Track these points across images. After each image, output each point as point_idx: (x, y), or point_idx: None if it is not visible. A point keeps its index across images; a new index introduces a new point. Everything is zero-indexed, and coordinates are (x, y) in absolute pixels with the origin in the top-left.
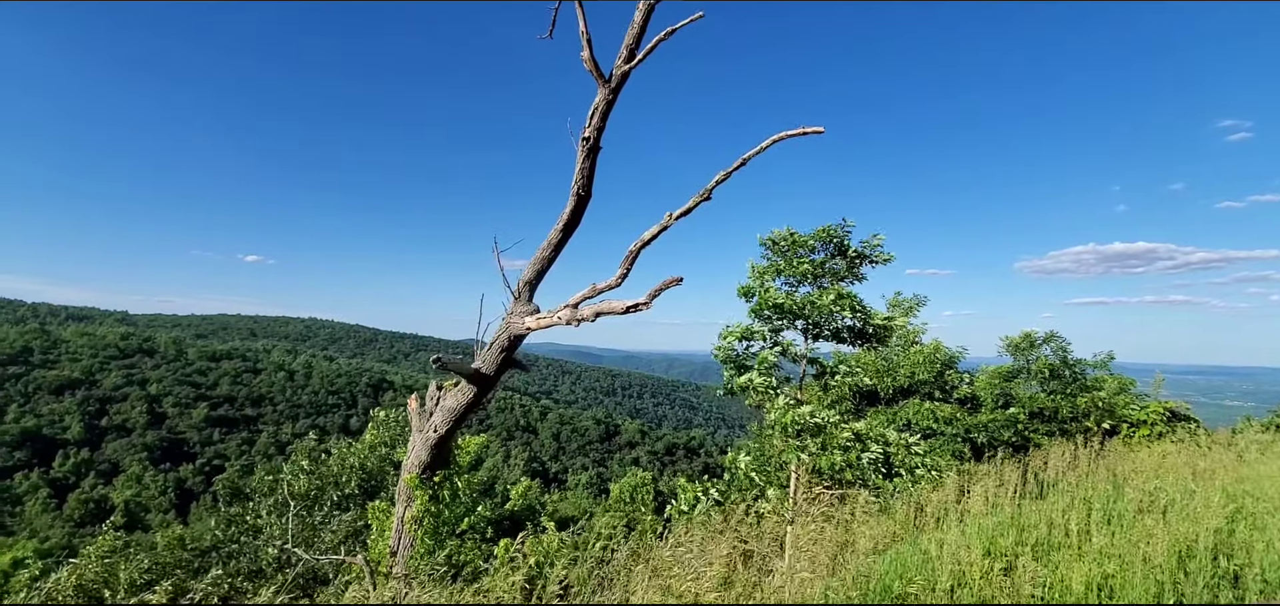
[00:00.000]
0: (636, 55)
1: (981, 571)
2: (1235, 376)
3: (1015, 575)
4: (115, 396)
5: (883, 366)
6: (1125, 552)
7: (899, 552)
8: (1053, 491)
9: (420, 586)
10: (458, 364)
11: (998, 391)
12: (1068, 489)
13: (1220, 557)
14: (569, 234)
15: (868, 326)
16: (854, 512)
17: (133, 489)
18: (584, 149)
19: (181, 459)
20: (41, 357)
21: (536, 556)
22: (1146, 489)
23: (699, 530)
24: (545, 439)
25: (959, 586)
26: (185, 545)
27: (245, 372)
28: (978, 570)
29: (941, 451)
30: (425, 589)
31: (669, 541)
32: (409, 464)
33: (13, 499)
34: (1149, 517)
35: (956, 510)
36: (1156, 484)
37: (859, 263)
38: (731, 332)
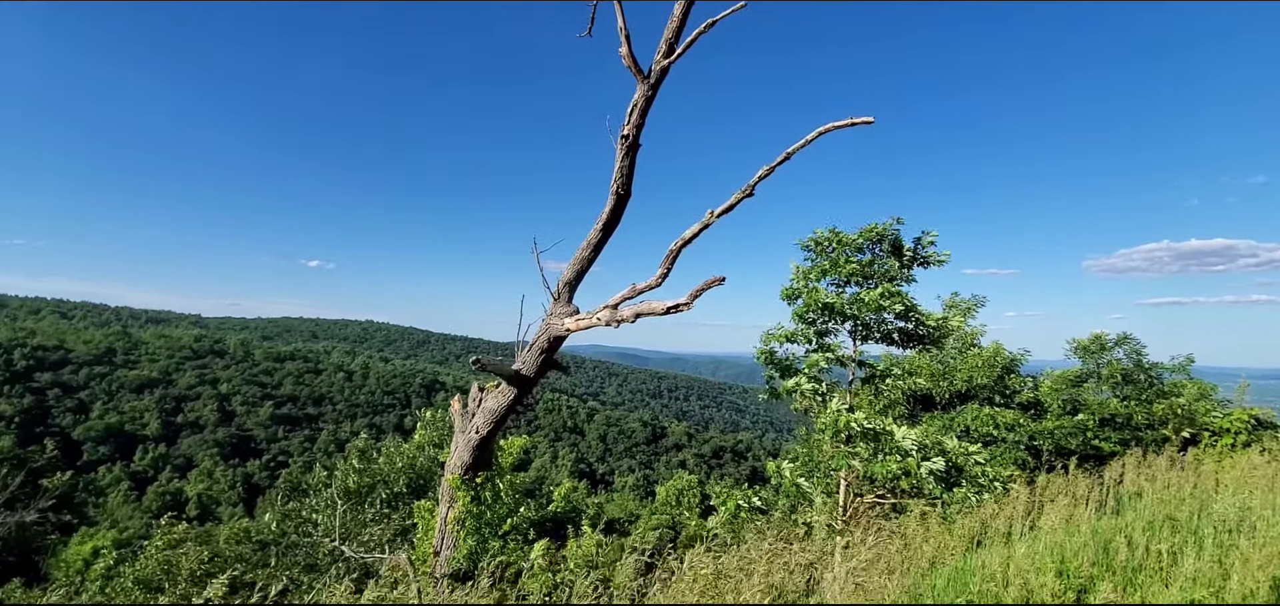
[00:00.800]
0: (676, 49)
1: (1053, 594)
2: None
3: (1091, 599)
4: (189, 395)
5: (939, 370)
6: (1216, 579)
7: (960, 569)
8: (1130, 506)
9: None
10: (497, 365)
11: (1065, 397)
12: (1148, 504)
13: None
14: (609, 234)
15: (920, 327)
16: (911, 524)
17: (205, 483)
18: (623, 147)
19: (249, 455)
20: (123, 358)
21: (576, 560)
22: (1235, 505)
23: (742, 538)
24: (592, 440)
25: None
26: (250, 537)
27: (307, 373)
28: (1048, 592)
29: (1003, 460)
30: (466, 590)
31: (706, 549)
32: (452, 465)
33: (97, 490)
34: (1242, 538)
35: (1024, 524)
36: (1244, 499)
37: (911, 262)
38: (774, 335)
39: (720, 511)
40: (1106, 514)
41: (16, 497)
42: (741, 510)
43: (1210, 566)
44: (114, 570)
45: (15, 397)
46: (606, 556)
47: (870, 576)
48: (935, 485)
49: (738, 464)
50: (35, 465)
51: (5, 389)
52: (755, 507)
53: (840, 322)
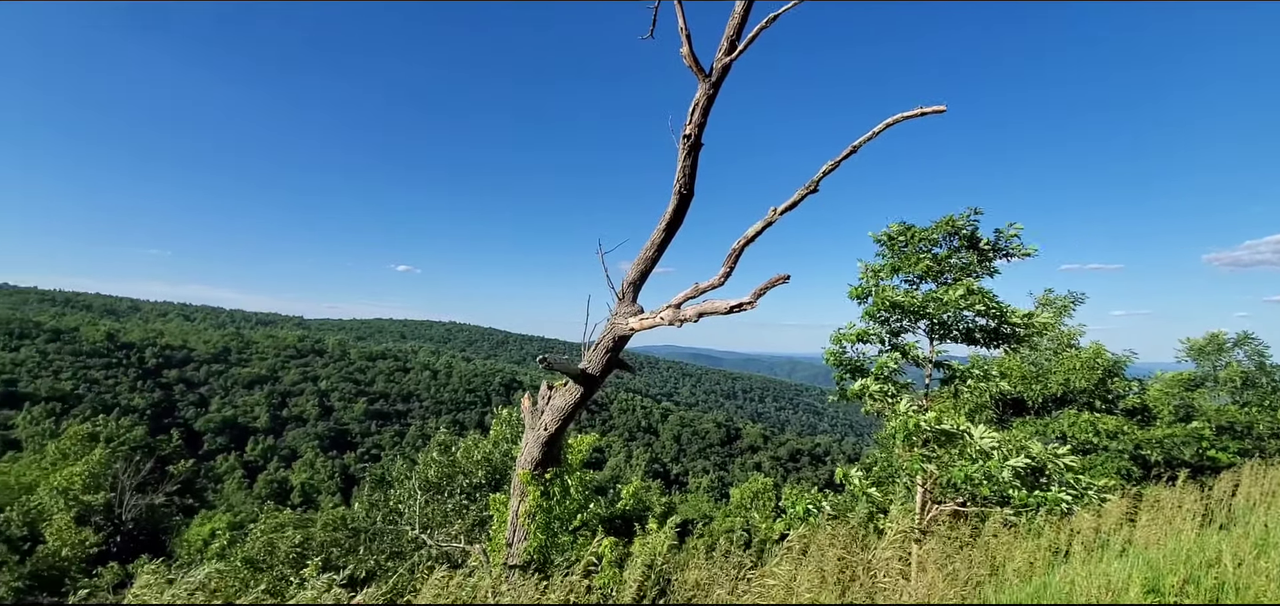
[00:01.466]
0: (738, 46)
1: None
2: None
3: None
4: (293, 391)
5: (1031, 372)
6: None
7: (1042, 585)
8: (1243, 521)
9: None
10: (564, 364)
11: (1176, 402)
12: (1262, 520)
13: None
14: (672, 233)
15: (1003, 325)
16: (995, 533)
17: (307, 473)
18: (685, 146)
19: (345, 447)
20: (237, 357)
21: (644, 557)
22: None
23: (811, 542)
24: (666, 441)
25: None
26: (345, 524)
27: (397, 371)
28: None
29: (1104, 469)
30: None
31: (776, 552)
32: (522, 460)
33: (214, 477)
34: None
35: (1119, 536)
36: None
37: (991, 255)
38: (844, 335)
39: (788, 513)
40: (1213, 528)
41: (147, 482)
42: (810, 514)
43: None
44: (227, 549)
45: (147, 392)
46: (672, 554)
47: (945, 590)
48: (1019, 489)
49: (815, 468)
50: (163, 453)
51: (139, 384)
52: (826, 513)
53: (914, 321)
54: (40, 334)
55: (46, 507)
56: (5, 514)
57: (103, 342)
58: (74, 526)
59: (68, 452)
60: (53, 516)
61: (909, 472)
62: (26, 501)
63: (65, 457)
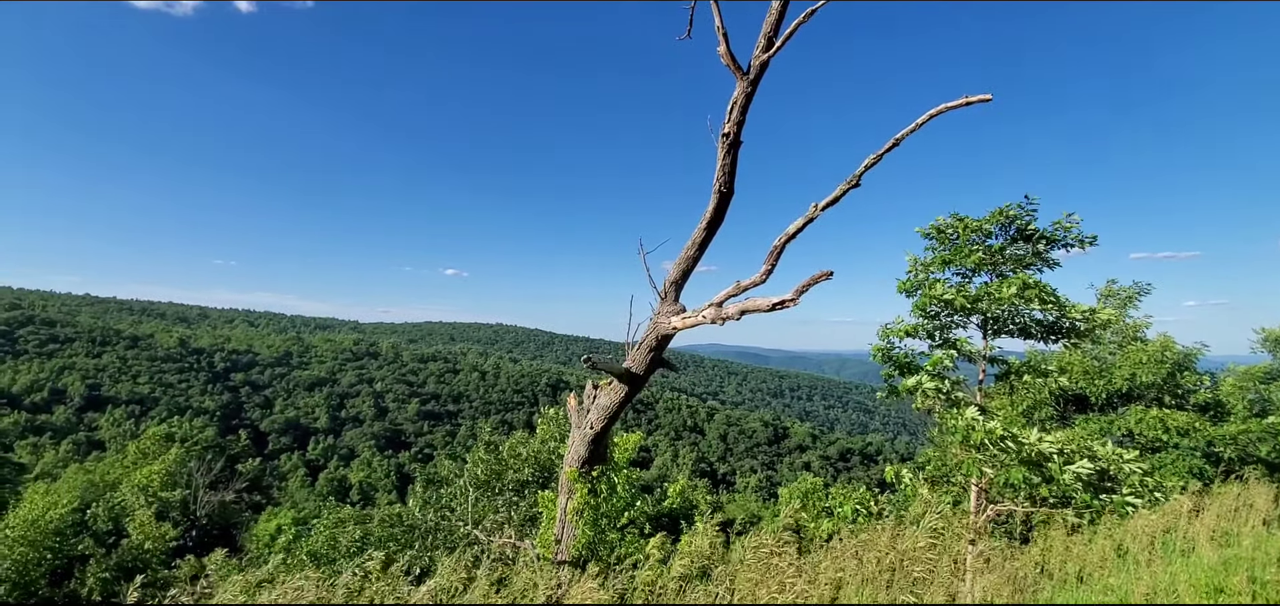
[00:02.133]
0: (775, 43)
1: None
2: None
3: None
4: (350, 393)
5: (1094, 367)
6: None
7: (1105, 584)
8: None
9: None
10: (608, 364)
11: (1252, 396)
12: None
13: None
14: (713, 232)
15: (1063, 319)
16: (1049, 535)
17: (365, 471)
18: (725, 145)
19: (400, 446)
20: (297, 360)
21: (690, 555)
22: None
23: (854, 541)
24: (712, 440)
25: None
26: (401, 521)
27: (447, 373)
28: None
29: (1175, 467)
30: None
31: (825, 550)
32: (569, 458)
33: (279, 475)
34: None
35: (1180, 536)
36: None
37: (1047, 246)
38: (893, 330)
39: (836, 513)
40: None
41: (219, 480)
42: (859, 513)
43: None
44: (293, 544)
45: (216, 395)
46: (719, 551)
47: (1000, 585)
48: (1083, 492)
49: (867, 468)
50: (233, 453)
51: (209, 387)
52: (877, 512)
53: (965, 316)
54: (119, 341)
55: (129, 504)
56: (93, 510)
57: (176, 348)
58: (154, 521)
59: (147, 452)
60: (135, 512)
61: (965, 472)
62: (111, 498)
63: (145, 457)
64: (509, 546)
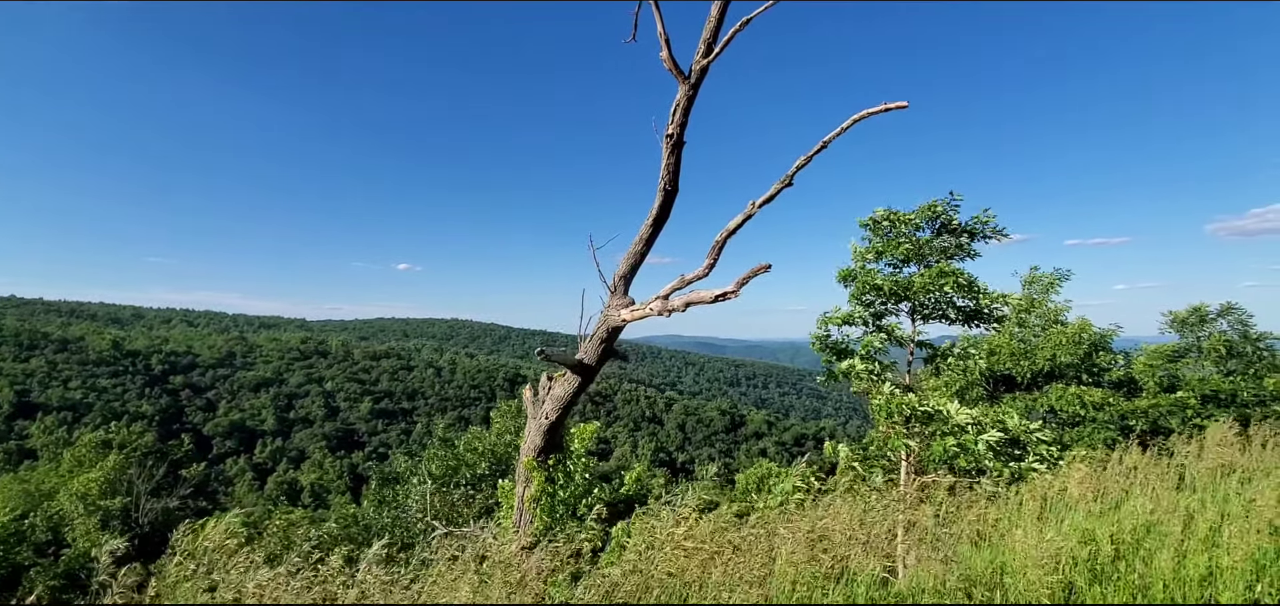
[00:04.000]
0: (714, 49)
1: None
2: None
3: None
4: (299, 393)
5: (1020, 349)
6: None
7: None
8: (1199, 485)
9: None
10: (561, 356)
11: (1161, 373)
12: (1213, 482)
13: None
14: (659, 228)
15: (980, 305)
16: (964, 501)
17: (316, 473)
18: (668, 145)
19: (353, 446)
20: (242, 361)
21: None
22: None
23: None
24: (671, 430)
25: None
26: (356, 521)
27: (401, 370)
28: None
29: (1091, 439)
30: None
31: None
32: (526, 448)
33: (225, 480)
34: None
35: (1064, 501)
36: None
37: (969, 239)
38: (830, 318)
39: (775, 491)
40: (1166, 490)
41: (161, 486)
42: (798, 489)
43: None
44: (241, 547)
45: (154, 399)
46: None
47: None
48: (995, 461)
49: (820, 451)
50: (174, 458)
51: (146, 391)
52: (815, 490)
53: (896, 303)
54: (48, 344)
55: (68, 513)
56: (30, 520)
57: (109, 351)
58: (99, 530)
59: (83, 460)
60: (75, 521)
61: (892, 447)
62: (48, 507)
63: (81, 465)
64: (467, 534)
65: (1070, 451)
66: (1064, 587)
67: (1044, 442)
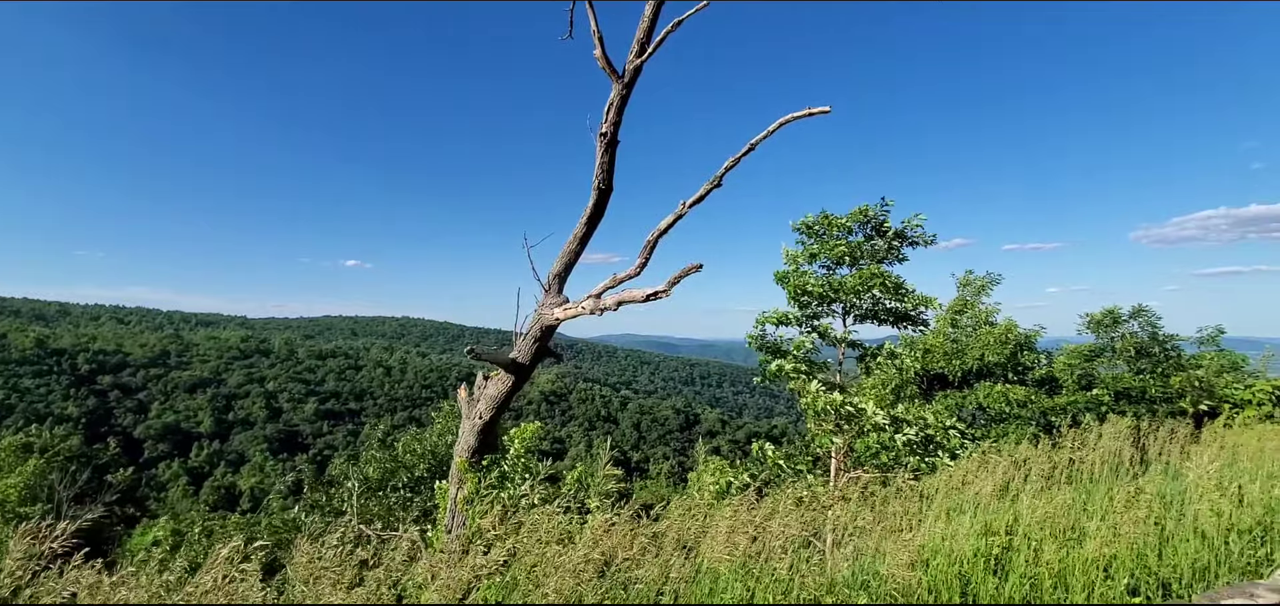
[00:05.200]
0: (647, 48)
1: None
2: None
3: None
4: (239, 394)
5: (952, 349)
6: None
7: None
8: (1095, 478)
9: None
10: (492, 354)
11: (1079, 372)
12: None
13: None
14: (593, 227)
15: (907, 307)
16: (886, 498)
17: (257, 477)
18: (602, 144)
19: (296, 449)
20: (176, 360)
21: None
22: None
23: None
24: (626, 429)
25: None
26: (286, 526)
27: (348, 369)
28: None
29: (1015, 435)
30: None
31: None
32: (459, 448)
33: (158, 485)
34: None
35: (971, 498)
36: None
37: (900, 242)
38: (767, 317)
39: (708, 488)
40: (1059, 485)
41: (86, 492)
42: (732, 487)
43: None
44: (168, 556)
45: (81, 400)
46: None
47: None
48: (912, 455)
49: (774, 449)
50: (100, 462)
51: (72, 392)
52: (743, 484)
53: (828, 305)
54: None
55: None
56: None
57: (32, 350)
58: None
59: (1, 465)
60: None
61: (819, 444)
62: None
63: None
64: (398, 538)
65: (980, 444)
66: (961, 580)
67: (956, 434)
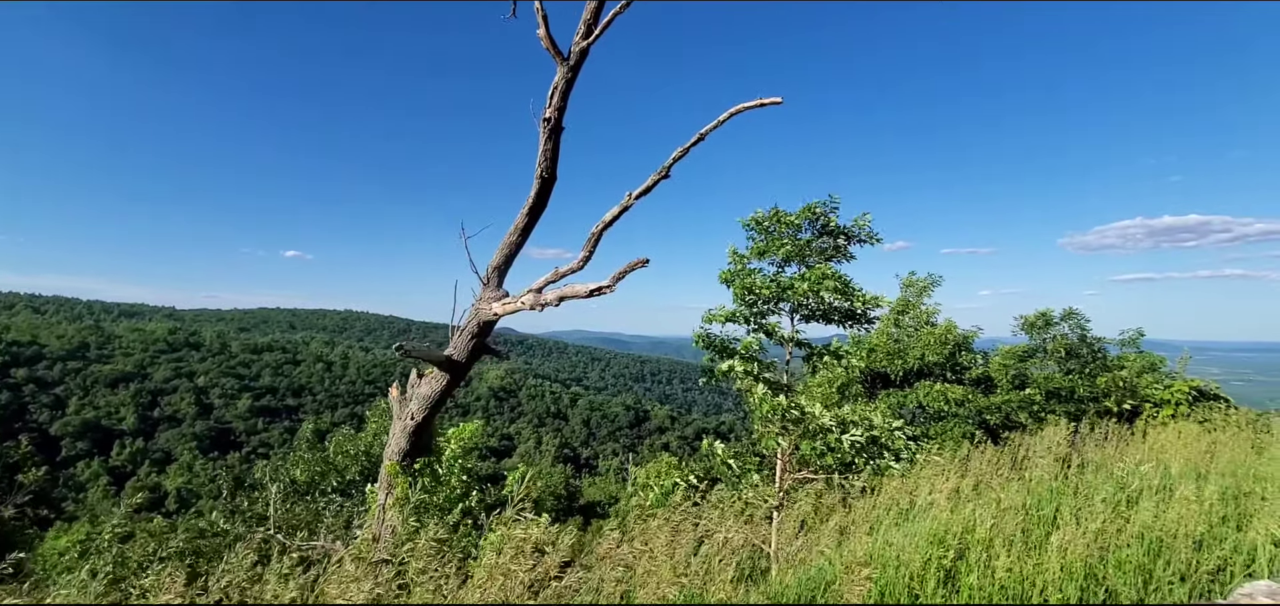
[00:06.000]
0: (594, 30)
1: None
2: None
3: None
4: (165, 389)
5: (895, 348)
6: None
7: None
8: (1025, 481)
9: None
10: (425, 351)
11: (1013, 372)
12: (1033, 480)
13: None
14: (536, 218)
15: (854, 307)
16: (833, 507)
17: (184, 476)
18: (546, 130)
19: (229, 447)
20: (97, 353)
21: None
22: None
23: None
24: (576, 425)
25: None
26: (209, 532)
27: (286, 364)
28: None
29: (952, 433)
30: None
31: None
32: (389, 451)
33: (76, 485)
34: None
35: (922, 503)
36: (1124, 471)
37: (846, 241)
38: (713, 316)
39: (655, 489)
40: (999, 488)
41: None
42: (678, 488)
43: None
44: (76, 563)
45: None
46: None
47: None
48: (859, 458)
49: (722, 444)
50: (12, 460)
51: None
52: (690, 484)
53: (775, 304)
54: None
55: None
56: None
57: None
58: None
59: None
60: None
61: (765, 446)
62: None
63: None
64: (319, 549)
65: (927, 445)
66: (911, 594)
67: (902, 436)
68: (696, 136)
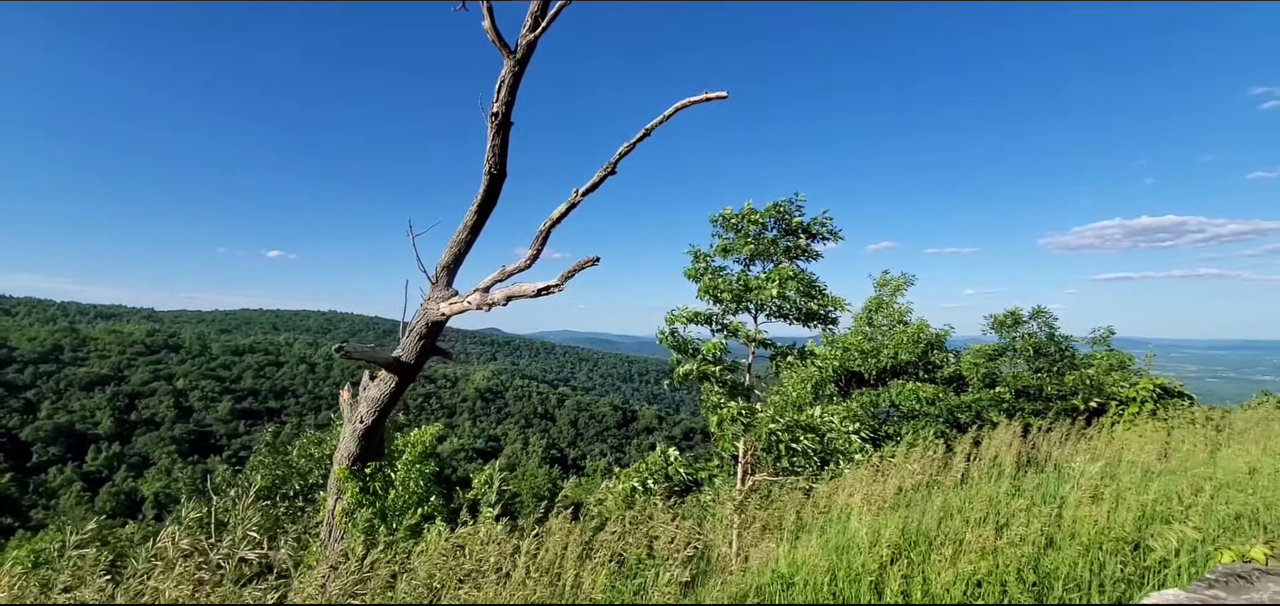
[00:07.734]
0: (542, 22)
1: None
2: (1268, 350)
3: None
4: (143, 391)
5: (868, 347)
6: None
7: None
8: (985, 478)
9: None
10: (369, 353)
11: (984, 370)
12: (992, 477)
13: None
14: (485, 215)
15: (819, 306)
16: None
17: (162, 481)
18: (494, 125)
19: (209, 451)
20: (72, 355)
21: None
22: (1085, 474)
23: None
24: (563, 425)
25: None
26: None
27: (268, 366)
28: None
29: (924, 432)
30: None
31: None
32: (339, 456)
33: (48, 492)
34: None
35: (859, 503)
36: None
37: (809, 239)
38: (676, 316)
39: (614, 492)
40: (953, 486)
41: None
42: (636, 492)
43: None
44: (29, 572)
45: None
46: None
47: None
48: (807, 462)
49: (707, 444)
50: None
51: None
52: (650, 489)
53: (739, 303)
54: None
55: None
56: None
57: None
58: None
59: None
60: None
61: (722, 449)
62: None
63: None
64: (261, 557)
65: (889, 446)
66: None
67: (857, 439)
68: (642, 131)
